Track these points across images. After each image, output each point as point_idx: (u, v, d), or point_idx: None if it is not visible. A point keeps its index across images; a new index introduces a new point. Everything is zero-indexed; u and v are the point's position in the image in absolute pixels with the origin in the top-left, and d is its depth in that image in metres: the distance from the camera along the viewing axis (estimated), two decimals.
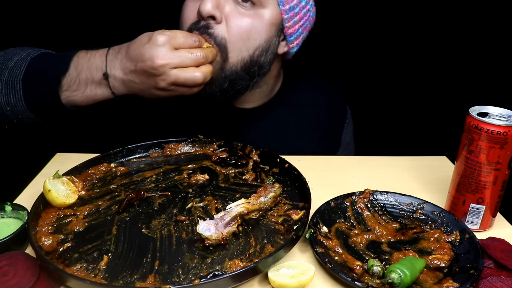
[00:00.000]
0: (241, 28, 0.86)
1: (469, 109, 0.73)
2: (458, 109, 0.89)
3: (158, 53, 0.75)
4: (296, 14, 0.92)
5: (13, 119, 0.86)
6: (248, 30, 0.86)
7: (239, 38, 0.86)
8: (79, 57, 0.84)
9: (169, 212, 0.75)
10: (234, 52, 0.87)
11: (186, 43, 0.78)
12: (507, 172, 0.72)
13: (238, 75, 0.90)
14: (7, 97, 0.83)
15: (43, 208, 0.73)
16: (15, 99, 0.83)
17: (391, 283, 0.58)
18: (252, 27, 0.87)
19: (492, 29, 1.67)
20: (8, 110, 0.85)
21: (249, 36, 0.87)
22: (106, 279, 0.59)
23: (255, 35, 0.88)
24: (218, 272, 0.60)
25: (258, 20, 0.87)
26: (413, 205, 0.79)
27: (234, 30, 0.85)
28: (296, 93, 1.11)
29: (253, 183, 0.86)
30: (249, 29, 0.87)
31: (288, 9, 0.90)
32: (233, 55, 0.87)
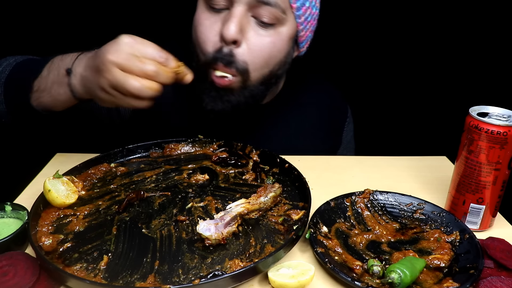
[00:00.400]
0: (263, 49, 0.87)
1: (469, 109, 0.73)
2: (458, 109, 0.89)
3: (113, 49, 0.70)
4: (308, 22, 0.94)
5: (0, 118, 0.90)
6: (269, 49, 0.87)
7: (261, 59, 0.87)
8: (55, 60, 0.83)
9: (169, 212, 0.75)
10: (256, 71, 0.88)
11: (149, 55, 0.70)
12: (507, 172, 0.72)
13: (258, 89, 0.92)
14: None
15: (43, 208, 0.73)
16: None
17: (391, 283, 0.58)
18: (273, 46, 0.88)
19: (492, 29, 1.67)
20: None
21: (271, 55, 0.88)
22: (106, 279, 0.59)
23: (276, 53, 0.89)
24: (218, 272, 0.60)
25: (278, 38, 0.88)
26: (413, 205, 0.79)
27: (255, 52, 0.86)
28: (298, 92, 1.12)
29: (253, 183, 0.86)
30: (270, 49, 0.87)
31: (303, 21, 0.91)
32: (255, 74, 0.88)
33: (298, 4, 0.87)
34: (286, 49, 0.92)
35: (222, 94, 0.89)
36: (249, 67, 0.87)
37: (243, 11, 0.83)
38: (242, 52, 0.85)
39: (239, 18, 0.82)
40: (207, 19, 0.86)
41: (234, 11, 0.82)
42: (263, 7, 0.83)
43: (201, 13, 0.88)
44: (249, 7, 0.83)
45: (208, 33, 0.86)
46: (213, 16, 0.86)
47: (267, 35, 0.86)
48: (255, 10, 0.84)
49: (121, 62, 0.68)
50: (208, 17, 0.86)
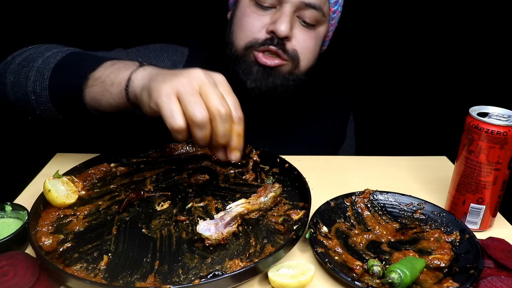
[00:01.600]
0: (309, 44, 0.97)
1: (469, 109, 0.73)
2: (458, 109, 0.89)
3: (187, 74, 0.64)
4: (334, 24, 1.05)
5: (36, 109, 0.82)
6: (313, 46, 0.99)
7: (309, 53, 0.98)
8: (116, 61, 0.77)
9: (169, 212, 0.75)
10: (304, 62, 0.98)
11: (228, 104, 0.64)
12: (507, 172, 0.72)
13: (301, 80, 1.00)
14: (34, 85, 0.79)
15: (43, 208, 0.73)
16: (41, 87, 0.79)
17: (391, 283, 0.58)
18: (315, 43, 0.99)
19: (492, 29, 1.67)
20: (33, 99, 0.80)
21: (314, 50, 1.00)
22: (106, 279, 0.59)
23: (317, 49, 1.01)
24: (218, 272, 0.60)
25: (318, 37, 1.00)
26: (413, 205, 0.79)
27: (304, 45, 0.96)
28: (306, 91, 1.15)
29: (253, 183, 0.86)
30: (314, 45, 0.99)
31: (333, 23, 1.04)
32: (303, 64, 0.98)
33: (335, 8, 1.00)
34: (321, 46, 1.03)
35: (269, 74, 0.95)
36: (299, 55, 0.96)
37: (292, 11, 0.92)
38: (291, 44, 0.94)
39: (290, 17, 0.91)
40: (255, 12, 0.94)
41: (285, 10, 0.91)
42: (309, 9, 0.93)
43: (247, 7, 0.95)
44: (296, 8, 0.92)
45: (256, 23, 0.94)
46: (261, 11, 0.94)
47: (311, 34, 0.97)
48: (300, 11, 0.93)
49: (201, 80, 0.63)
50: (255, 11, 0.94)
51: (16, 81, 0.81)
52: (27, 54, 0.84)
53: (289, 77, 0.97)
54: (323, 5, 0.94)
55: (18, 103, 0.83)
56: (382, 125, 1.87)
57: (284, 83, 0.97)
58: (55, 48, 0.84)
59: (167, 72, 0.67)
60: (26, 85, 0.80)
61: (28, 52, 0.85)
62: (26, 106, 0.82)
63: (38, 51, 0.83)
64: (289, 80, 0.98)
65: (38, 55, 0.82)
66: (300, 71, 0.98)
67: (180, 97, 0.62)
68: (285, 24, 0.90)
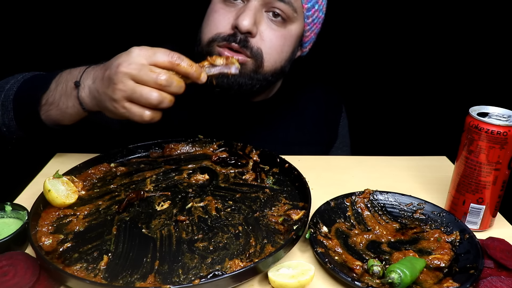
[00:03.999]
0: (274, 43, 0.93)
1: (469, 109, 0.73)
2: (458, 109, 0.89)
3: (125, 60, 0.70)
4: (314, 24, 1.00)
5: (11, 139, 0.90)
6: (281, 44, 0.94)
7: (275, 52, 0.93)
8: (63, 73, 0.84)
9: (169, 212, 0.75)
10: (269, 62, 0.93)
11: (161, 60, 0.71)
12: (507, 172, 0.72)
13: (267, 80, 0.96)
14: (2, 118, 0.87)
15: (43, 208, 0.73)
16: (8, 118, 0.86)
17: (391, 283, 0.58)
18: (284, 42, 0.94)
19: (492, 29, 1.67)
20: (5, 130, 0.88)
21: (282, 50, 0.95)
22: (106, 279, 0.59)
23: (286, 48, 0.96)
24: (218, 272, 0.60)
25: (288, 34, 0.94)
26: (413, 205, 0.79)
27: (269, 44, 0.92)
28: (295, 89, 1.16)
29: (253, 183, 0.86)
30: (281, 44, 0.94)
31: (310, 22, 0.98)
32: (268, 65, 0.93)
33: (309, 5, 0.94)
34: (293, 46, 0.98)
35: None
36: (263, 55, 0.92)
37: (258, 6, 0.89)
38: (256, 41, 0.90)
39: (254, 11, 0.88)
40: (222, 8, 0.92)
41: (250, 4, 0.88)
42: (277, 3, 0.89)
43: (216, 3, 0.93)
44: (263, 3, 0.89)
45: (222, 20, 0.91)
46: (228, 7, 0.91)
47: (279, 31, 0.92)
48: (269, 5, 0.90)
49: (135, 74, 0.69)
50: (223, 7, 0.92)
51: None
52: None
53: (254, 76, 0.93)
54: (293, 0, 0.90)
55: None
56: (382, 125, 1.87)
57: (248, 82, 0.93)
58: (13, 78, 0.91)
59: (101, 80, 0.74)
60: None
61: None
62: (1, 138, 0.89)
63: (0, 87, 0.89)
64: (254, 79, 0.93)
65: (0, 90, 0.88)
66: (264, 71, 0.93)
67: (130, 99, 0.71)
68: (248, 19, 0.86)
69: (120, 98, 0.71)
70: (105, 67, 0.74)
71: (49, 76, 0.84)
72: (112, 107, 0.72)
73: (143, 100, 0.70)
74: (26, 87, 0.86)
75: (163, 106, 0.72)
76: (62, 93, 0.81)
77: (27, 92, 0.85)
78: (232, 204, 0.78)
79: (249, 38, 0.89)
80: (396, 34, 1.75)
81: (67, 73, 0.83)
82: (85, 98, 0.78)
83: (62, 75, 0.83)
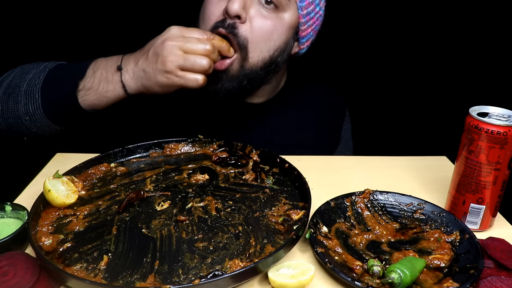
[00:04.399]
0: (264, 30, 0.91)
1: (469, 109, 0.73)
2: (458, 109, 0.89)
3: (169, 36, 0.79)
4: (310, 19, 0.98)
5: (32, 128, 0.90)
6: (270, 31, 0.91)
7: (261, 39, 0.91)
8: (97, 61, 0.88)
9: (169, 212, 0.75)
10: (255, 52, 0.91)
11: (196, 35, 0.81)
12: (507, 172, 0.72)
13: (257, 73, 0.94)
14: (25, 107, 0.87)
15: (43, 208, 0.73)
16: (34, 107, 0.87)
17: (391, 283, 0.58)
18: (273, 29, 0.92)
19: (492, 29, 1.67)
20: (27, 119, 0.88)
21: (271, 38, 0.92)
22: (106, 279, 0.59)
23: (275, 37, 0.93)
24: (218, 272, 0.60)
25: (279, 22, 0.92)
26: (413, 205, 0.79)
27: (257, 31, 0.90)
28: (299, 90, 1.15)
29: (253, 183, 0.86)
30: (271, 31, 0.91)
31: (305, 14, 0.96)
32: (254, 55, 0.91)
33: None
34: (286, 36, 0.95)
35: (219, 77, 0.91)
36: (248, 45, 0.90)
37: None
38: (244, 28, 0.89)
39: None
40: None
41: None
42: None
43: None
44: None
45: (214, 9, 0.91)
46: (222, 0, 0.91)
47: (269, 17, 0.91)
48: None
49: (182, 44, 0.78)
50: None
51: (4, 109, 0.89)
52: (7, 82, 0.91)
53: (241, 73, 0.91)
54: None
55: (10, 128, 0.91)
56: (382, 125, 1.87)
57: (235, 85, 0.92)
58: (32, 69, 0.91)
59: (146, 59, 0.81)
60: (17, 109, 0.88)
61: (6, 80, 0.92)
62: (19, 128, 0.90)
63: (18, 77, 0.90)
64: (240, 76, 0.92)
65: (20, 80, 0.89)
66: (251, 63, 0.91)
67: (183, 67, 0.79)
68: (237, 2, 0.85)
69: (173, 68, 0.78)
70: (146, 49, 0.82)
71: (81, 65, 0.88)
72: (165, 79, 0.80)
73: (197, 66, 0.79)
74: (57, 75, 0.88)
75: (210, 72, 0.82)
76: (102, 79, 0.85)
77: (60, 80, 0.88)
78: (232, 204, 0.78)
79: (237, 24, 0.88)
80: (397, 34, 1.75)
81: (102, 61, 0.87)
82: (129, 80, 0.84)
83: (97, 62, 0.88)
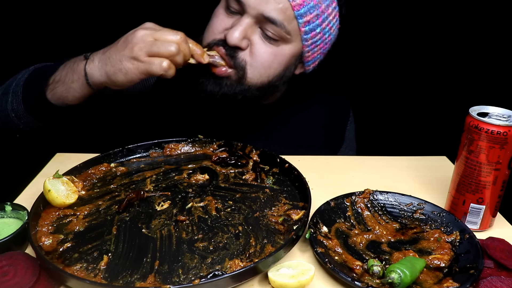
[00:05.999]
0: (264, 58, 0.91)
1: (469, 109, 0.73)
2: (458, 109, 0.89)
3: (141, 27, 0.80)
4: (316, 46, 0.97)
5: (19, 125, 0.93)
6: (270, 60, 0.92)
7: (261, 65, 0.92)
8: (72, 58, 0.89)
9: (169, 212, 0.75)
10: (254, 75, 0.92)
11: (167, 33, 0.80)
12: (507, 172, 0.72)
13: (252, 93, 0.95)
14: (11, 104, 0.92)
15: (43, 208, 0.73)
16: (17, 103, 0.91)
17: (391, 283, 0.58)
18: (274, 59, 0.92)
19: (492, 29, 1.67)
20: (13, 116, 0.92)
21: (271, 66, 0.93)
22: (106, 279, 0.59)
23: (276, 65, 0.94)
24: (218, 272, 0.60)
25: (281, 53, 0.92)
26: (413, 205, 0.79)
27: (257, 58, 0.91)
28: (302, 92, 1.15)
29: (253, 183, 0.86)
30: (271, 61, 0.92)
31: (310, 44, 0.95)
32: (253, 77, 0.92)
33: (306, 29, 0.91)
34: (287, 64, 0.95)
35: (217, 80, 0.92)
36: (247, 67, 0.91)
37: (251, 22, 0.89)
38: (245, 53, 0.91)
39: (245, 27, 0.88)
40: (222, 14, 0.93)
41: (243, 20, 0.88)
42: (269, 24, 0.88)
43: (219, 8, 0.95)
44: (257, 20, 0.89)
45: (218, 25, 0.93)
46: (227, 15, 0.93)
47: (270, 48, 0.91)
48: (262, 23, 0.89)
49: (152, 32, 0.78)
50: (223, 13, 0.93)
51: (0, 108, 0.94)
52: (5, 85, 0.97)
53: (237, 87, 0.92)
54: (287, 22, 0.88)
55: (4, 126, 0.95)
56: (382, 125, 1.87)
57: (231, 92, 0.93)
58: (24, 70, 0.97)
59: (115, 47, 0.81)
60: (7, 107, 0.92)
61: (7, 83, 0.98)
62: (9, 125, 0.94)
63: (13, 79, 0.96)
64: (236, 89, 0.93)
65: (13, 81, 0.95)
66: (248, 83, 0.92)
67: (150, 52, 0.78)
68: (237, 33, 0.87)
69: (140, 53, 0.77)
70: (117, 41, 0.82)
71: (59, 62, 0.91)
72: (130, 64, 0.79)
73: (164, 50, 0.78)
74: (37, 73, 0.93)
75: (178, 60, 0.80)
76: (69, 70, 0.86)
77: (37, 76, 0.91)
78: (232, 204, 0.78)
79: (238, 50, 0.90)
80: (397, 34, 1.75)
81: (76, 57, 0.89)
82: (93, 68, 0.83)
83: (71, 59, 0.89)
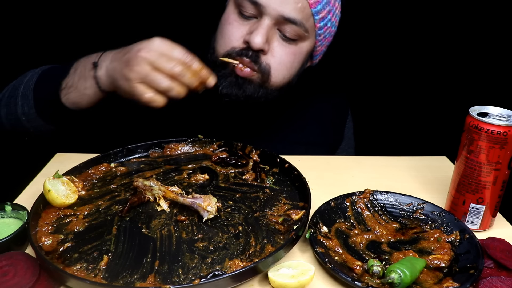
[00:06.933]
0: (285, 60, 0.94)
1: (469, 109, 0.73)
2: (458, 109, 0.89)
3: (146, 47, 0.77)
4: (325, 39, 1.00)
5: (29, 128, 0.94)
6: (291, 61, 0.95)
7: (284, 68, 0.94)
8: (81, 60, 0.89)
9: (169, 212, 0.75)
10: (277, 78, 0.94)
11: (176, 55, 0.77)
12: (507, 172, 0.72)
13: (272, 93, 0.97)
14: (22, 108, 0.92)
15: (43, 208, 0.73)
16: (28, 107, 0.91)
17: (391, 283, 0.58)
18: (295, 59, 0.95)
19: (492, 29, 1.67)
20: (24, 119, 0.93)
21: (292, 66, 0.96)
22: (106, 279, 0.59)
23: (296, 65, 0.97)
24: (218, 272, 0.60)
25: (299, 52, 0.96)
26: (413, 205, 0.79)
27: (279, 61, 0.93)
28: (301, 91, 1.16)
29: (253, 183, 0.86)
30: (292, 60, 0.95)
31: (321, 38, 0.98)
32: (276, 80, 0.95)
33: (321, 24, 0.94)
34: (303, 61, 0.99)
35: (241, 82, 0.93)
36: (271, 71, 0.93)
37: (270, 24, 0.89)
38: (267, 58, 0.92)
39: (266, 29, 0.89)
40: (236, 20, 0.93)
41: (263, 22, 0.88)
42: (289, 24, 0.89)
43: (231, 14, 0.94)
44: (276, 22, 0.89)
45: (235, 32, 0.92)
46: (242, 20, 0.92)
47: (290, 48, 0.93)
48: (280, 25, 0.90)
49: (153, 60, 0.75)
50: (237, 19, 0.92)
51: (8, 111, 0.95)
52: (11, 86, 0.97)
53: (260, 90, 0.94)
54: (305, 20, 0.90)
55: (14, 129, 0.96)
56: (382, 125, 1.87)
57: (254, 95, 0.94)
58: (30, 72, 0.97)
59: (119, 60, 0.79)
60: (16, 110, 0.93)
61: (12, 85, 0.98)
62: (20, 129, 0.95)
63: (19, 81, 0.96)
64: (259, 92, 0.94)
65: (20, 83, 0.95)
66: (271, 85, 0.95)
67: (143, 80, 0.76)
68: (260, 36, 0.87)
69: (134, 78, 0.76)
70: (125, 50, 0.80)
71: (68, 65, 0.90)
72: (126, 85, 0.78)
73: (154, 84, 0.76)
74: (46, 76, 0.93)
75: (171, 95, 0.77)
76: (81, 76, 0.86)
77: (47, 80, 0.91)
78: (232, 204, 0.78)
79: (260, 54, 0.91)
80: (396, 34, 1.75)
81: (84, 59, 0.88)
82: (102, 77, 0.83)
83: (80, 61, 0.89)
